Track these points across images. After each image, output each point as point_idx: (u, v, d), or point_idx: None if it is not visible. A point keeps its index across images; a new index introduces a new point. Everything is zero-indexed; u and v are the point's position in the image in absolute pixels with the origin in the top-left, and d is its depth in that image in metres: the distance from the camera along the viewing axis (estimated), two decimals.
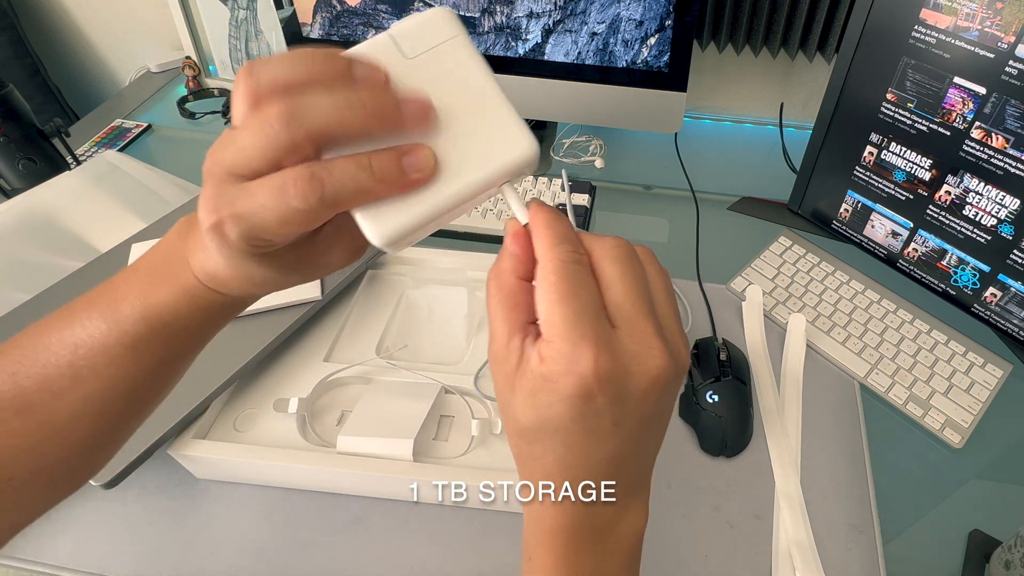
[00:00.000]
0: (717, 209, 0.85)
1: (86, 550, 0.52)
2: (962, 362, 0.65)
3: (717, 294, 0.73)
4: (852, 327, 0.69)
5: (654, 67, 0.75)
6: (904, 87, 0.63)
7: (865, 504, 0.55)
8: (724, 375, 0.60)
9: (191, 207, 0.76)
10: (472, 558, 0.51)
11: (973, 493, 0.58)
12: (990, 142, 0.59)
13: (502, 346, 0.25)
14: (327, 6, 0.79)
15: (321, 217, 0.24)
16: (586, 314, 0.23)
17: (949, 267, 0.68)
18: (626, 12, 0.72)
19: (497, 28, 0.77)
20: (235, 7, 0.99)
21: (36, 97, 1.15)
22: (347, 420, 0.55)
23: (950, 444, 0.60)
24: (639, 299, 0.24)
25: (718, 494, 0.56)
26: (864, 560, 0.52)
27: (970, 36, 0.57)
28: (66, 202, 0.78)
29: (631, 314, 0.24)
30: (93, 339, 0.29)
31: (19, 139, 0.83)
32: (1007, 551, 0.49)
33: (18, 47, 1.11)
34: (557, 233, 0.25)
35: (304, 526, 0.54)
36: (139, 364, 0.30)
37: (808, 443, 0.59)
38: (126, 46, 1.20)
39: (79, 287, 0.66)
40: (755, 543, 0.53)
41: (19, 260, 0.71)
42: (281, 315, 0.62)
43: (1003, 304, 0.65)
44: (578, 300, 0.23)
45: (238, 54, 1.03)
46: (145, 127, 1.01)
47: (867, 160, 0.70)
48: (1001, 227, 0.62)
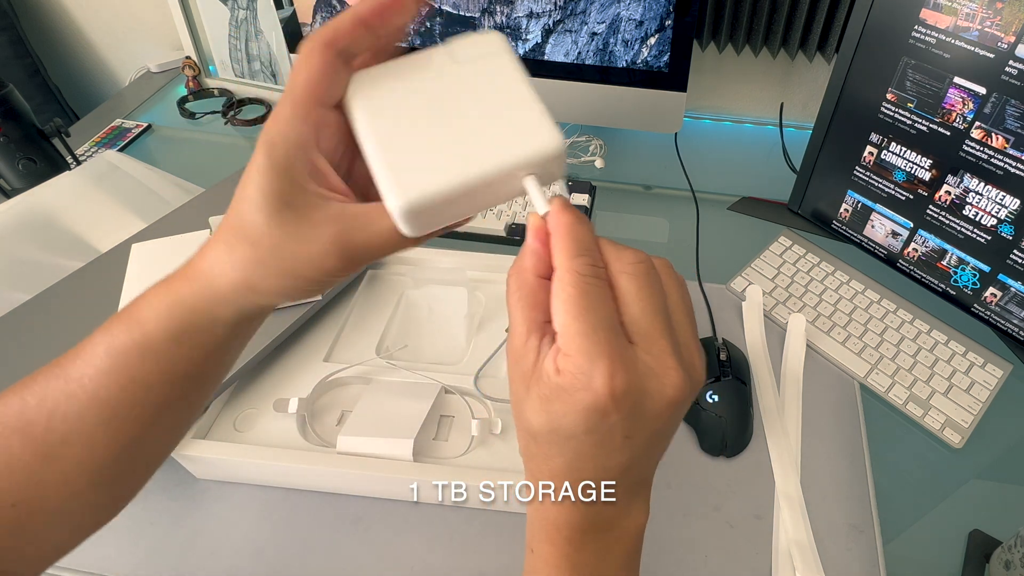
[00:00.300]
0: (717, 209, 0.85)
1: (86, 550, 0.52)
2: (962, 362, 0.65)
3: (717, 294, 0.73)
4: (852, 327, 0.69)
5: (654, 67, 0.75)
6: (904, 87, 0.63)
7: (865, 504, 0.55)
8: (724, 375, 0.60)
9: (191, 207, 0.76)
10: (472, 558, 0.51)
11: (973, 493, 0.58)
12: (990, 142, 0.59)
13: (520, 344, 0.25)
14: (327, 6, 0.79)
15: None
16: (603, 328, 0.23)
17: (949, 267, 0.68)
18: (626, 12, 0.72)
19: (497, 28, 0.77)
20: (235, 7, 0.99)
21: (36, 97, 1.15)
22: (347, 420, 0.55)
23: (950, 444, 0.60)
24: (657, 316, 0.24)
25: (718, 494, 0.56)
26: (864, 560, 0.52)
27: (970, 36, 0.57)
28: (66, 202, 0.78)
29: (649, 331, 0.24)
30: (112, 347, 0.30)
31: (19, 139, 0.83)
32: (1007, 551, 0.49)
33: (18, 47, 1.11)
34: (577, 242, 0.25)
35: (304, 526, 0.54)
36: (152, 368, 0.30)
37: (808, 443, 0.59)
38: (126, 46, 1.20)
39: (79, 287, 0.66)
40: (755, 543, 0.53)
41: (19, 260, 0.71)
42: (281, 315, 0.62)
43: (1003, 304, 0.65)
44: (595, 315, 0.23)
45: (238, 54, 1.03)
46: (145, 127, 1.01)
47: (867, 160, 0.70)
48: (1001, 227, 0.62)
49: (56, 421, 0.29)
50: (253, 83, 1.05)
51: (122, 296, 0.64)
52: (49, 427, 0.29)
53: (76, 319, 0.63)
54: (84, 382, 0.29)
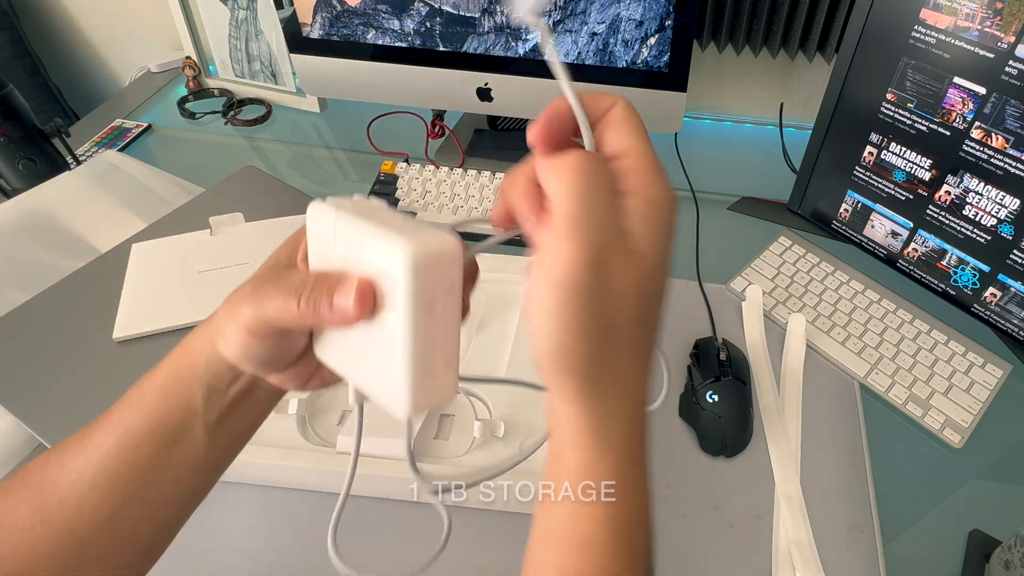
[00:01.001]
0: (717, 209, 0.85)
1: None
2: (962, 362, 0.65)
3: (717, 294, 0.73)
4: (852, 327, 0.69)
5: (654, 67, 0.75)
6: (904, 87, 0.63)
7: (865, 504, 0.55)
8: (724, 375, 0.60)
9: (191, 207, 0.76)
10: (472, 558, 0.51)
11: (973, 493, 0.58)
12: (990, 142, 0.59)
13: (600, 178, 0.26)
14: (327, 6, 0.79)
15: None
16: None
17: (949, 267, 0.68)
18: (626, 12, 0.72)
19: (497, 28, 0.77)
20: (235, 7, 0.99)
21: (36, 97, 1.15)
22: (347, 420, 0.55)
23: (950, 444, 0.60)
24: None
25: (718, 494, 0.56)
26: (864, 560, 0.52)
27: (970, 36, 0.57)
28: (66, 202, 0.78)
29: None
30: (118, 408, 0.32)
31: (19, 139, 0.83)
32: (1007, 551, 0.49)
33: (18, 47, 1.11)
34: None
35: (304, 526, 0.54)
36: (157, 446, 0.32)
37: (808, 443, 0.59)
38: (126, 46, 1.20)
39: (79, 287, 0.66)
40: (755, 543, 0.53)
41: (19, 260, 0.71)
42: None
43: (1003, 304, 0.65)
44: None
45: (238, 54, 1.03)
46: (145, 127, 1.01)
47: (867, 160, 0.70)
48: (1001, 227, 0.62)
49: (63, 475, 0.31)
50: (253, 83, 1.05)
51: (122, 296, 0.64)
52: (59, 481, 0.31)
53: (76, 319, 0.63)
54: (96, 435, 0.32)
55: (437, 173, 0.85)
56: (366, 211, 0.29)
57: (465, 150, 0.93)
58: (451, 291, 0.27)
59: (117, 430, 0.31)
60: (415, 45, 0.80)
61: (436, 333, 0.27)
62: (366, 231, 0.27)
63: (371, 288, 0.27)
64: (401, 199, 0.83)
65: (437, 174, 0.85)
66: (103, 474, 0.31)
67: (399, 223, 0.27)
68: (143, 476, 0.32)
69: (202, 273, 0.65)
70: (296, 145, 0.98)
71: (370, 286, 0.27)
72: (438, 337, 0.27)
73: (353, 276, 0.28)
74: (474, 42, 0.78)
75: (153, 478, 0.32)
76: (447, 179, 0.84)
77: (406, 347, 0.26)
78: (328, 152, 0.97)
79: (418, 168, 0.85)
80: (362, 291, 0.27)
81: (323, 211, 0.29)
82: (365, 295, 0.27)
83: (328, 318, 0.28)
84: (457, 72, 0.81)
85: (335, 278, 0.28)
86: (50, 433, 0.54)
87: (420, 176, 0.85)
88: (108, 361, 0.59)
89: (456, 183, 0.83)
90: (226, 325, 0.30)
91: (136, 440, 0.31)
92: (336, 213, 0.28)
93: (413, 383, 0.27)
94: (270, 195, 0.77)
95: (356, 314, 0.27)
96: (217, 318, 0.31)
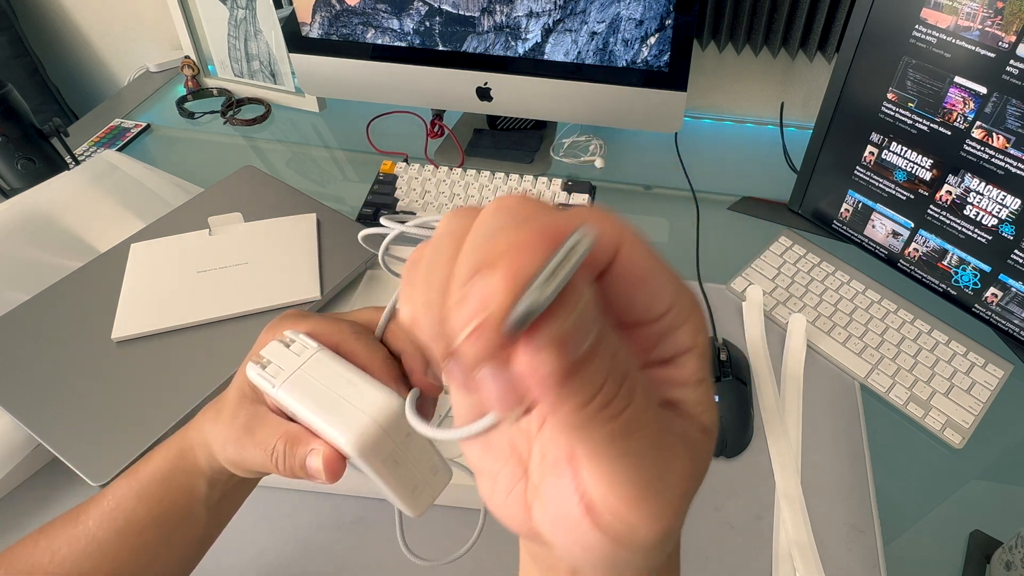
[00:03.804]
0: (717, 209, 0.85)
1: None
2: (963, 362, 0.65)
3: (717, 294, 0.73)
4: (852, 327, 0.69)
5: (654, 67, 0.75)
6: (905, 87, 0.63)
7: (865, 504, 0.55)
8: (724, 375, 0.60)
9: (190, 207, 0.76)
10: (472, 558, 0.51)
11: (974, 493, 0.58)
12: (991, 142, 0.59)
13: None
14: (326, 6, 0.79)
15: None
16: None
17: (950, 267, 0.68)
18: (626, 11, 0.72)
19: (497, 28, 0.77)
20: (234, 7, 0.99)
21: (35, 97, 1.15)
22: None
23: (951, 444, 0.60)
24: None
25: (718, 494, 0.56)
26: (864, 561, 0.52)
27: (971, 36, 0.57)
28: (65, 202, 0.78)
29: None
30: (116, 492, 0.35)
31: (18, 139, 0.83)
32: (1008, 552, 0.49)
33: (17, 47, 1.11)
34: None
35: (304, 526, 0.54)
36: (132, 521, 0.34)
37: (808, 443, 0.59)
38: (125, 46, 1.20)
39: (79, 287, 0.66)
40: (755, 543, 0.53)
41: (18, 260, 0.71)
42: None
43: (1004, 304, 0.65)
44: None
45: (237, 54, 1.03)
46: (144, 127, 1.01)
47: (868, 160, 0.70)
48: (1002, 227, 0.62)
49: (55, 564, 0.33)
50: (252, 83, 1.05)
51: (121, 296, 0.64)
52: (48, 570, 0.33)
53: (75, 319, 0.63)
54: (88, 524, 0.34)
55: (436, 173, 0.85)
56: (311, 375, 0.31)
57: (465, 150, 0.93)
58: (408, 435, 0.30)
59: (116, 520, 0.34)
60: (414, 45, 0.80)
61: (409, 465, 0.31)
62: (311, 412, 0.30)
63: (337, 456, 0.30)
64: (400, 199, 0.83)
65: (436, 174, 0.84)
66: (103, 560, 0.33)
67: (342, 389, 0.31)
68: (147, 558, 0.34)
69: (201, 273, 0.65)
70: (295, 145, 0.98)
71: (336, 455, 0.30)
72: (411, 466, 0.31)
73: (319, 444, 0.30)
74: (473, 41, 0.78)
75: (155, 558, 0.35)
76: (446, 179, 0.84)
77: (388, 493, 0.31)
78: (327, 152, 0.97)
79: (417, 168, 0.85)
80: (329, 461, 0.30)
81: (264, 377, 0.32)
82: (333, 465, 0.30)
83: (306, 479, 0.31)
84: (456, 72, 0.81)
85: (305, 444, 0.31)
86: (49, 433, 0.54)
87: (419, 176, 0.85)
88: (107, 361, 0.59)
89: (456, 183, 0.83)
90: (214, 443, 0.34)
91: (138, 528, 0.34)
92: (276, 385, 0.31)
93: (410, 503, 0.32)
94: (269, 195, 0.77)
95: (329, 480, 0.30)
96: (204, 433, 0.34)
